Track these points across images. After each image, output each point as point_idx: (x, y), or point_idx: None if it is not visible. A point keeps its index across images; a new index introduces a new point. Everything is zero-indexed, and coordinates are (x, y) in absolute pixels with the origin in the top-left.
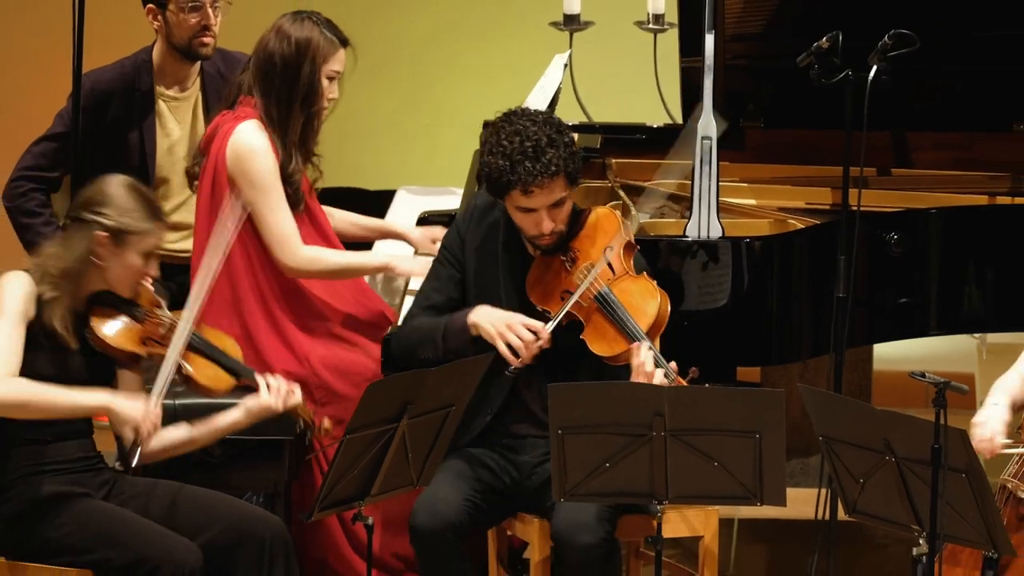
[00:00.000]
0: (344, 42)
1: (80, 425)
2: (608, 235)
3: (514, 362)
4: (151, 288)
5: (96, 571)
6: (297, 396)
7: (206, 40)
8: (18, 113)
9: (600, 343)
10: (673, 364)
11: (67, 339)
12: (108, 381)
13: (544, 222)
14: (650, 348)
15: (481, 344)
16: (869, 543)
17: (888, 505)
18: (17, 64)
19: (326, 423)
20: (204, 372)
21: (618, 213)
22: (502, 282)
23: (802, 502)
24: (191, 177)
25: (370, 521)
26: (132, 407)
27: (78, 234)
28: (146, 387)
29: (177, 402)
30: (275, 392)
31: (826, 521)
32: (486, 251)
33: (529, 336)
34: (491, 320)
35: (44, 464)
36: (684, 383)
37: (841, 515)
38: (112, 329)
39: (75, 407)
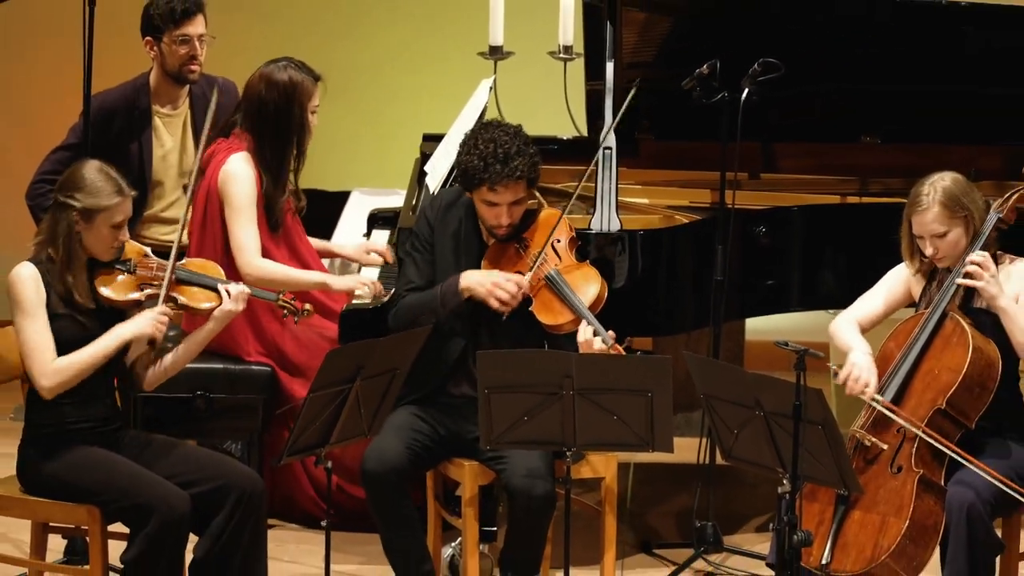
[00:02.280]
0: (318, 78)
1: (102, 389)
2: (557, 230)
3: (504, 311)
4: (132, 242)
5: (101, 510)
6: (246, 292)
7: (193, 67)
8: (39, 127)
9: (547, 314)
10: (611, 333)
11: (85, 302)
12: None
13: (503, 216)
14: (590, 323)
15: (473, 302)
16: (742, 483)
17: (758, 451)
18: (38, 86)
19: (307, 306)
20: (195, 297)
21: (563, 214)
22: (463, 261)
23: (687, 449)
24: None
25: (329, 465)
26: (141, 322)
27: (59, 215)
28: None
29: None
30: (234, 298)
31: (706, 464)
32: (450, 236)
33: (514, 289)
34: (480, 282)
35: (71, 421)
36: (620, 349)
37: (719, 460)
38: (110, 286)
39: (107, 354)
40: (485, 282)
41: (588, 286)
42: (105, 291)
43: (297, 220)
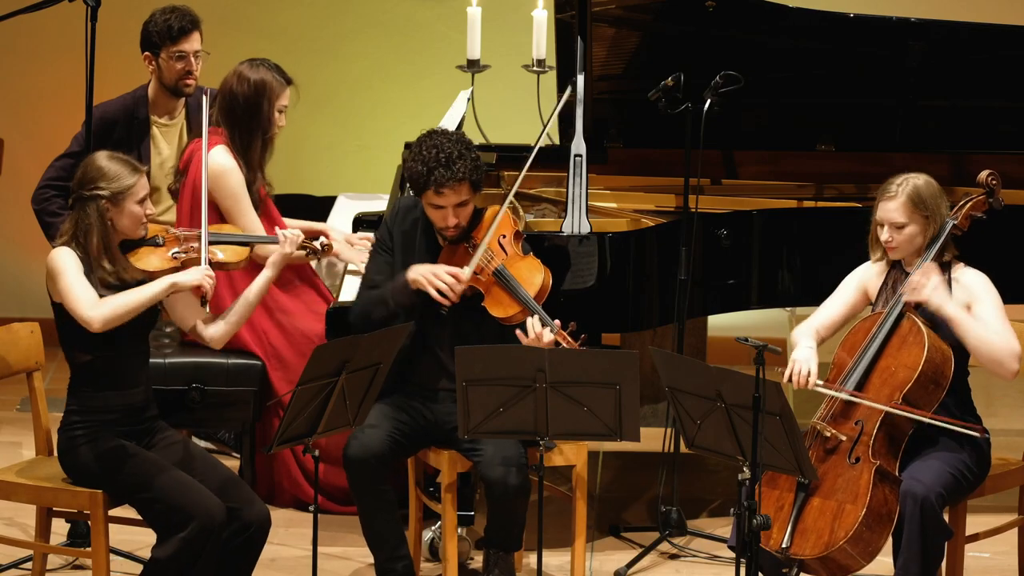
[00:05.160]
0: (289, 81)
1: (140, 376)
2: (501, 227)
3: (444, 303)
4: (152, 224)
5: (139, 509)
6: (299, 236)
7: (189, 81)
8: (45, 136)
9: (498, 308)
10: (557, 321)
11: (134, 275)
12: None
13: (450, 217)
14: (536, 314)
15: (421, 294)
16: (704, 470)
17: (719, 440)
18: (44, 98)
19: (322, 240)
20: (230, 252)
21: (508, 210)
22: (418, 261)
23: (652, 438)
24: (172, 192)
25: (316, 453)
26: (190, 274)
27: (87, 209)
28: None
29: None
30: (287, 241)
31: (671, 453)
32: (408, 239)
33: (451, 280)
34: (422, 272)
35: (110, 405)
36: (566, 334)
37: (683, 448)
38: (146, 260)
39: (152, 298)
40: (427, 272)
41: (533, 277)
42: (141, 264)
43: (269, 200)
